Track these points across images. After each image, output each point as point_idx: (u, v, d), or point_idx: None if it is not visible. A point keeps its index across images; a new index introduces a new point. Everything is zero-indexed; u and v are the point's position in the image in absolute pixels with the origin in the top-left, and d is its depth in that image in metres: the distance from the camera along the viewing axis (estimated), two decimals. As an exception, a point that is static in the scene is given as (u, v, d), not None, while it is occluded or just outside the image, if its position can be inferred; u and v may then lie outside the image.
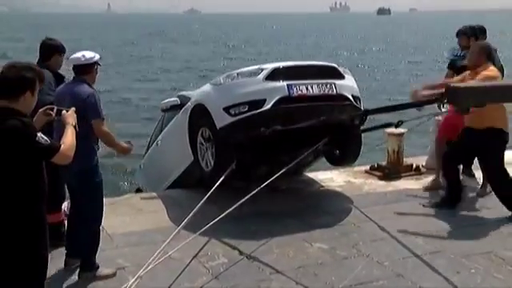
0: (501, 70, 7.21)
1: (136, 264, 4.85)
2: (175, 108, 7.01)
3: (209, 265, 4.92)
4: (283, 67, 6.02)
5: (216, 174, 5.93)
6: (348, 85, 6.21)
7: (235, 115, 5.83)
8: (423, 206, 6.37)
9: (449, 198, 6.25)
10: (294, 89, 5.80)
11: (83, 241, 4.67)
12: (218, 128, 5.95)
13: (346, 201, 6.70)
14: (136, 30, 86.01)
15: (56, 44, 5.42)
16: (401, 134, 7.59)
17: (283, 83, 5.81)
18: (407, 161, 7.82)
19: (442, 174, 6.86)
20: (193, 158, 6.51)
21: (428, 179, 7.33)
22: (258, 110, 5.76)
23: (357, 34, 76.70)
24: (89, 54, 4.79)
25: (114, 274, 4.74)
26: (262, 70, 5.95)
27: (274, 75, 5.88)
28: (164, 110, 7.30)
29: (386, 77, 31.26)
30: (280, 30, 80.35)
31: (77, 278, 4.65)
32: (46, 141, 3.25)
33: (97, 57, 4.87)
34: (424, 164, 7.85)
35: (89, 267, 4.67)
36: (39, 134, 3.24)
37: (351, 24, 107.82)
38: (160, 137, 7.69)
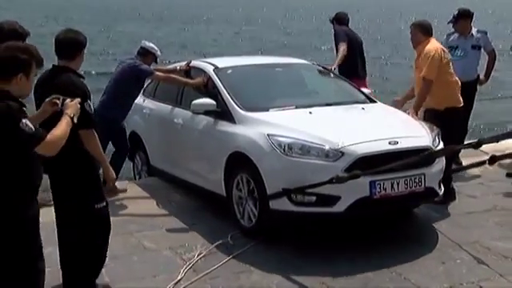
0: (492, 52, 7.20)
1: (110, 255, 4.66)
2: (209, 114, 5.68)
3: (186, 256, 4.75)
4: (370, 156, 4.76)
5: (256, 234, 5.12)
6: (437, 170, 5.16)
7: (297, 204, 4.79)
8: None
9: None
10: (378, 187, 4.71)
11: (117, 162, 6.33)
12: (270, 206, 4.86)
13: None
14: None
15: None
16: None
17: (365, 179, 4.68)
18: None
19: None
20: (224, 195, 5.46)
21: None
22: (329, 210, 4.77)
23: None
24: (148, 43, 6.53)
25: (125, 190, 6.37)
26: (343, 153, 4.72)
27: (355, 166, 4.68)
28: (196, 113, 5.84)
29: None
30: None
31: None
32: (31, 128, 2.99)
33: (155, 50, 6.48)
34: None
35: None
36: (24, 121, 2.98)
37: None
38: (181, 118, 6.17)
